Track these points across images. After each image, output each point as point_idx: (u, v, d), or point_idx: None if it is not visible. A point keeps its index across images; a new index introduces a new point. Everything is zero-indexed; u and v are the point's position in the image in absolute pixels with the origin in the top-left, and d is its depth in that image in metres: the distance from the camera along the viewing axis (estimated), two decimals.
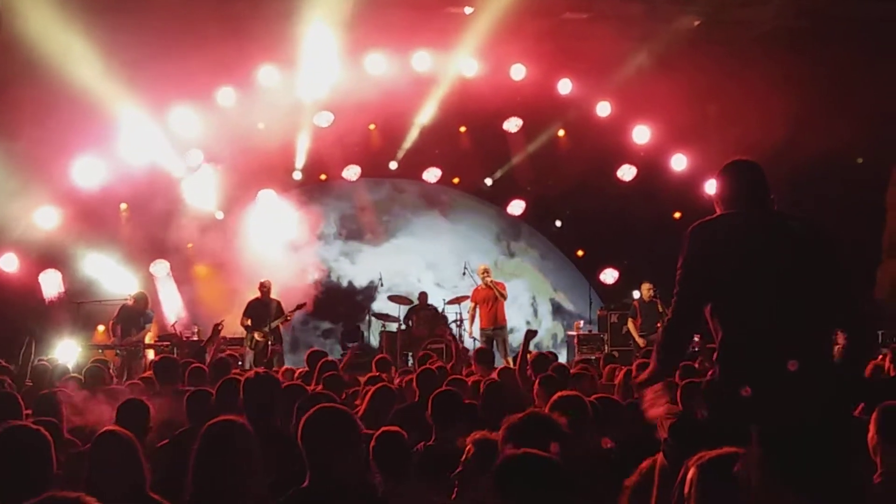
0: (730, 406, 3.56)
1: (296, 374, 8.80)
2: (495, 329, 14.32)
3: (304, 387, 6.75)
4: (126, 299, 13.35)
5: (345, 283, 17.92)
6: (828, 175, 13.79)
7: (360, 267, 18.12)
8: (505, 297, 14.66)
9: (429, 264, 18.61)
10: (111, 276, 14.49)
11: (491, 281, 14.46)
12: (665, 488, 3.62)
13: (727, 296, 3.70)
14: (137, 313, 13.11)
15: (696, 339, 13.61)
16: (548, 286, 15.65)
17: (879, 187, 15.15)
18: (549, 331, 17.73)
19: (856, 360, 3.75)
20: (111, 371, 9.68)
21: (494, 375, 7.89)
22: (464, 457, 3.45)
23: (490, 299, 14.37)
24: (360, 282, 18.09)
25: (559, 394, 4.78)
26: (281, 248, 16.27)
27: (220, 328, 9.52)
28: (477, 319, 14.77)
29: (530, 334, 8.73)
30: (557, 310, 17.86)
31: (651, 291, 14.11)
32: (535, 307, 16.78)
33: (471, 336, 14.77)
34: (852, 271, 3.89)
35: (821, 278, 3.67)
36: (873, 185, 15.04)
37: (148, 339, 13.32)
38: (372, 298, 17.98)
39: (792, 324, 3.61)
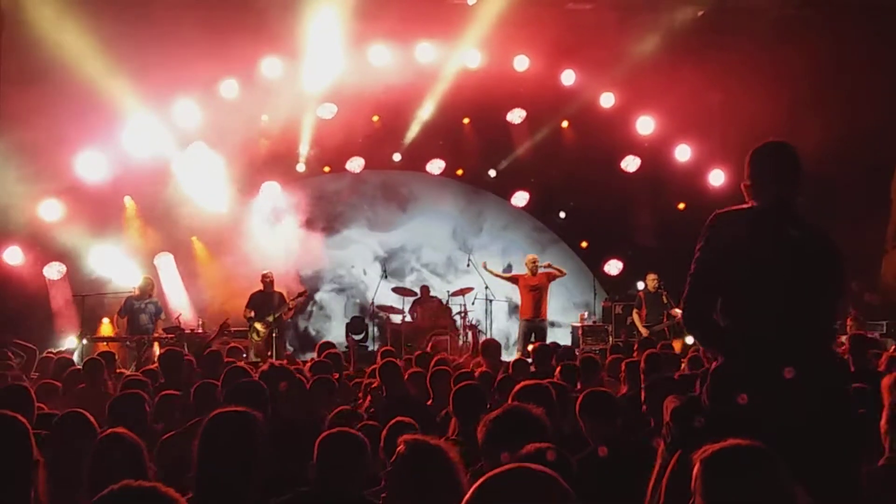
0: (732, 400, 3.54)
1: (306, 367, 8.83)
2: (538, 321, 14.15)
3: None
4: (131, 292, 13.37)
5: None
6: (834, 164, 13.74)
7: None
8: (565, 273, 14.62)
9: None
10: (116, 269, 14.50)
11: (546, 265, 14.33)
12: (664, 471, 3.62)
13: (737, 292, 3.70)
14: (144, 301, 13.12)
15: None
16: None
17: (885, 177, 15.10)
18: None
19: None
20: (117, 363, 9.70)
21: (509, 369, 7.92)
22: (393, 457, 3.43)
23: (536, 289, 14.19)
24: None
25: (522, 384, 4.76)
26: (283, 239, 16.32)
27: (226, 327, 9.57)
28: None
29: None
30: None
31: (656, 282, 14.09)
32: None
33: (485, 266, 14.71)
34: (849, 278, 3.93)
35: (825, 289, 3.72)
36: (879, 176, 14.99)
37: None
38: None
39: (798, 325, 3.63)
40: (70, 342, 12.64)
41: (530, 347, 12.55)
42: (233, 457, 3.49)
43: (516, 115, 16.57)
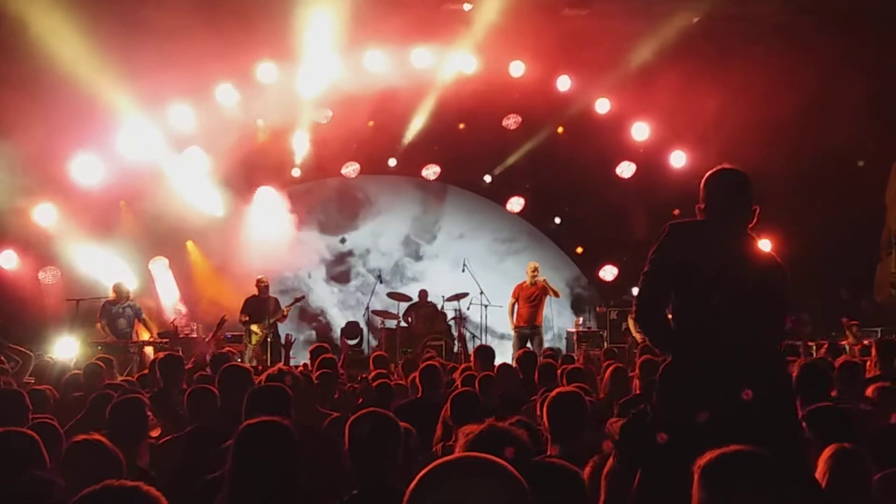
0: (680, 399, 3.71)
1: (298, 370, 8.79)
2: (532, 328, 14.21)
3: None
4: (107, 297, 13.24)
5: None
6: (828, 172, 13.78)
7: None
8: (559, 295, 14.81)
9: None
10: (110, 272, 14.46)
11: (544, 280, 14.38)
12: (614, 492, 3.65)
13: (690, 298, 3.90)
14: (121, 305, 12.99)
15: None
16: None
17: (879, 185, 15.15)
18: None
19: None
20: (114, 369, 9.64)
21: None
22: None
23: (534, 298, 14.25)
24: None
25: (557, 391, 4.75)
26: (279, 244, 16.36)
27: (225, 321, 9.55)
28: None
29: None
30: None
31: None
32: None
33: (514, 331, 14.48)
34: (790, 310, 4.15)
35: (772, 306, 3.93)
36: (873, 183, 15.03)
37: (145, 335, 13.24)
38: None
39: (746, 335, 3.80)
40: (65, 346, 12.57)
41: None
42: (269, 470, 3.46)
43: (512, 121, 16.58)
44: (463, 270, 16.41)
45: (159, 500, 2.46)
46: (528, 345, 13.82)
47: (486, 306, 16.02)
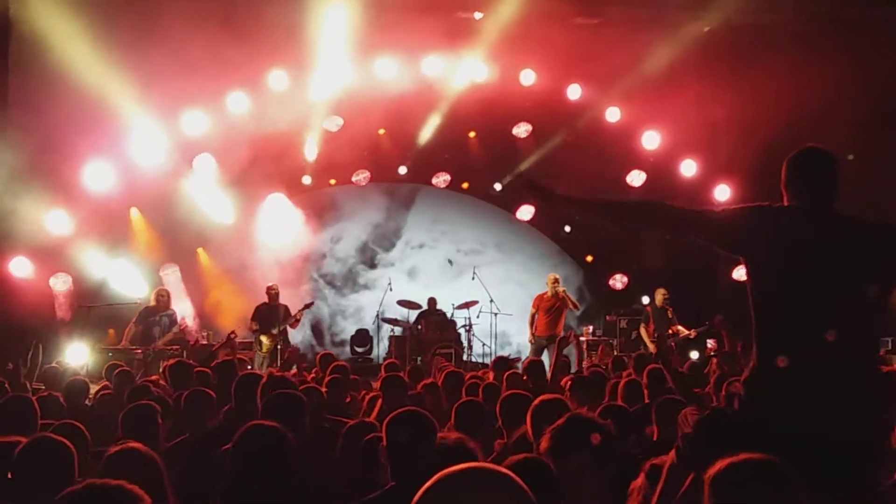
0: (768, 402, 3.48)
1: (309, 378, 8.84)
2: (549, 339, 14.10)
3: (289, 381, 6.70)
4: (145, 303, 13.32)
5: None
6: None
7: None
8: (578, 309, 14.87)
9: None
10: (121, 280, 14.50)
11: (563, 291, 14.37)
12: (670, 488, 3.56)
13: (780, 288, 3.61)
14: (159, 314, 13.08)
15: (713, 343, 13.61)
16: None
17: (890, 196, 15.06)
18: None
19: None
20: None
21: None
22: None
23: (554, 309, 14.26)
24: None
25: (505, 394, 4.83)
26: (290, 251, 16.38)
27: (233, 337, 9.54)
28: None
29: (562, 342, 8.90)
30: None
31: (664, 298, 14.05)
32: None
33: (530, 342, 14.49)
34: None
35: (872, 282, 3.55)
36: (883, 192, 14.94)
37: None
38: None
39: (838, 325, 3.49)
40: (76, 353, 12.59)
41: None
42: (265, 471, 3.51)
43: (522, 129, 16.58)
44: (473, 278, 16.41)
45: (142, 499, 2.47)
46: (545, 355, 13.85)
47: (495, 314, 16.01)
